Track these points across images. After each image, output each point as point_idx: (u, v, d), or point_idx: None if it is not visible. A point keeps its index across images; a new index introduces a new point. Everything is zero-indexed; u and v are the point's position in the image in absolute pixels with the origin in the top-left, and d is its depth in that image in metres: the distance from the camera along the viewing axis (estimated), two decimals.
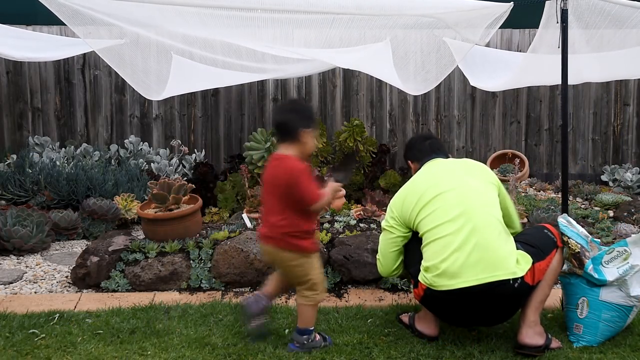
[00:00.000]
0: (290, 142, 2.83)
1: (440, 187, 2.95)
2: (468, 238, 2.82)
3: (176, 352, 2.92)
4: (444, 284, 2.81)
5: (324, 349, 2.94)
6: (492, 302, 2.84)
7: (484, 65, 4.98)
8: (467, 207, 2.88)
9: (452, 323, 3.08)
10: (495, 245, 2.84)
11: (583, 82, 5.81)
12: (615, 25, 3.88)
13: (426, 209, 2.92)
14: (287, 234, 2.79)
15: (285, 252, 2.82)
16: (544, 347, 2.88)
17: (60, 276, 4.05)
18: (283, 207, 2.78)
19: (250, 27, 3.81)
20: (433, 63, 4.42)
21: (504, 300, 2.85)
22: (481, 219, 2.87)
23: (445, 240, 2.84)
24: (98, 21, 3.74)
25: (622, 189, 6.28)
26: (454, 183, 2.98)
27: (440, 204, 2.91)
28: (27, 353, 2.91)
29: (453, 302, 2.85)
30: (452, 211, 2.88)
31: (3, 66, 6.41)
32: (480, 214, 2.88)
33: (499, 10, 3.79)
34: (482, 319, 2.98)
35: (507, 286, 2.79)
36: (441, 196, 2.92)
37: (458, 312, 2.92)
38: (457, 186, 2.96)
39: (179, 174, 6.05)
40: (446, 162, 3.16)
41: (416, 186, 3.04)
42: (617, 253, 2.95)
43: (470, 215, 2.86)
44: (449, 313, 2.96)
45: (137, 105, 6.55)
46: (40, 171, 5.42)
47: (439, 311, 2.98)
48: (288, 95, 6.64)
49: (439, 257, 2.83)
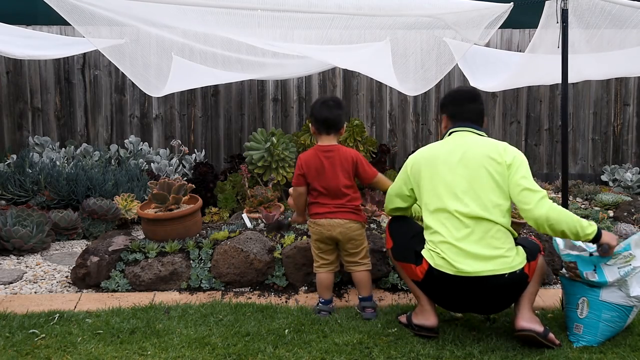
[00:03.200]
0: (334, 134, 3.41)
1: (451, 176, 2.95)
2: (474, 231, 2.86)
3: (176, 352, 2.92)
4: (449, 267, 2.85)
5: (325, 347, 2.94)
6: (492, 290, 2.87)
7: (485, 65, 4.99)
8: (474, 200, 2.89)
9: (448, 307, 3.10)
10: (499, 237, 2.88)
11: (583, 79, 5.82)
12: (615, 25, 3.88)
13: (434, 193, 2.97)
14: (355, 208, 3.38)
15: (354, 222, 3.36)
16: (543, 335, 2.88)
17: (60, 276, 4.05)
18: (351, 185, 3.37)
19: (251, 27, 3.81)
20: (433, 61, 4.43)
21: (505, 288, 2.88)
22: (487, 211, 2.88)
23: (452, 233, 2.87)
24: (98, 17, 3.73)
25: (622, 189, 6.29)
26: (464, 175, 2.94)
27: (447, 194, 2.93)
28: (27, 353, 2.91)
29: (455, 285, 2.87)
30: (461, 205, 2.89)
31: (3, 66, 6.41)
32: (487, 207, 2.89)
33: (499, 10, 3.79)
34: (480, 306, 3.01)
35: (510, 275, 2.84)
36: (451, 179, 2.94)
37: (458, 296, 2.93)
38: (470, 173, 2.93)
39: (179, 174, 6.05)
40: (470, 144, 3.02)
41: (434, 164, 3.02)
42: (622, 257, 2.95)
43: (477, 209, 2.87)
44: (448, 296, 2.97)
45: (137, 105, 6.56)
46: (40, 171, 5.42)
47: (439, 292, 2.98)
48: (288, 95, 6.65)
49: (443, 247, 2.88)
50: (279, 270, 3.83)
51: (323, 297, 3.42)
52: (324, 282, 3.43)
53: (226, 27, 3.81)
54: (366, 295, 3.40)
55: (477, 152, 2.97)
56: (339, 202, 3.35)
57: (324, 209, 3.35)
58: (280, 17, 3.74)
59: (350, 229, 3.35)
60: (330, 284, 3.44)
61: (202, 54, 4.68)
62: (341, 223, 3.34)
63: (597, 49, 4.20)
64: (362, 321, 3.26)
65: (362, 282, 3.41)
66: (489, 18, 3.83)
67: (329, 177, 3.34)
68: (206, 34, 4.34)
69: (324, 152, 3.37)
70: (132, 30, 4.35)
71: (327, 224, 3.35)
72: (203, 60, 4.75)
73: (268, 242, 3.97)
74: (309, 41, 4.17)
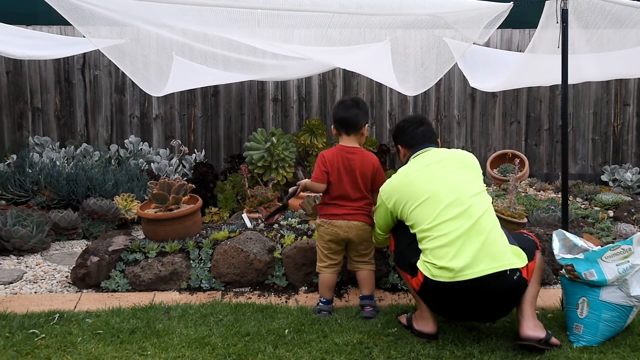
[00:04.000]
0: (354, 134, 3.41)
1: (435, 184, 2.97)
2: (469, 233, 2.85)
3: (176, 352, 2.92)
4: (445, 275, 2.83)
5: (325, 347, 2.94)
6: (491, 295, 2.85)
7: (485, 65, 4.98)
8: (464, 203, 2.91)
9: (448, 317, 3.09)
10: (493, 237, 2.88)
11: (583, 81, 5.82)
12: (615, 25, 3.88)
13: (422, 206, 2.96)
14: (369, 211, 3.40)
15: (368, 225, 3.39)
16: (545, 340, 2.88)
17: (60, 276, 4.05)
18: (367, 189, 3.40)
19: (250, 26, 3.81)
20: (432, 60, 4.43)
21: (503, 293, 2.86)
22: (478, 213, 2.90)
23: (447, 238, 2.86)
24: (98, 16, 3.73)
25: (622, 189, 6.28)
26: (448, 179, 2.99)
27: (437, 202, 2.93)
28: (27, 353, 2.91)
29: (453, 294, 2.85)
30: (451, 210, 2.90)
31: (3, 66, 6.41)
32: (477, 208, 2.91)
33: (499, 10, 3.79)
34: (479, 313, 2.99)
35: (507, 277, 2.82)
36: (437, 195, 2.94)
37: (457, 304, 2.92)
38: (452, 183, 2.98)
39: (179, 174, 6.05)
40: (438, 154, 3.14)
41: (410, 181, 3.05)
42: (621, 250, 2.95)
43: (468, 212, 2.89)
44: (446, 305, 2.96)
45: (137, 105, 6.56)
46: (40, 171, 5.43)
47: (437, 303, 2.97)
48: (288, 95, 6.65)
49: (440, 253, 2.85)
50: (279, 270, 3.83)
51: (325, 297, 3.42)
52: (328, 282, 3.43)
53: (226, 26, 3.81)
54: (367, 294, 3.42)
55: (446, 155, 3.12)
56: (356, 204, 3.36)
57: (342, 210, 3.36)
58: (280, 15, 3.73)
59: (365, 231, 3.38)
60: (333, 284, 3.45)
61: (202, 53, 4.68)
62: (358, 225, 3.36)
63: (597, 48, 4.20)
64: (362, 321, 3.26)
65: (366, 281, 3.43)
66: (488, 17, 3.83)
67: (350, 179, 3.36)
68: (206, 33, 4.33)
69: (346, 152, 3.38)
70: (132, 29, 4.36)
71: (344, 226, 3.35)
72: (203, 60, 4.75)
73: (268, 242, 3.97)
74: (309, 41, 4.17)
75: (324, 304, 3.40)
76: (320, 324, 3.20)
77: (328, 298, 3.42)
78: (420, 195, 2.97)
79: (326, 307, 3.39)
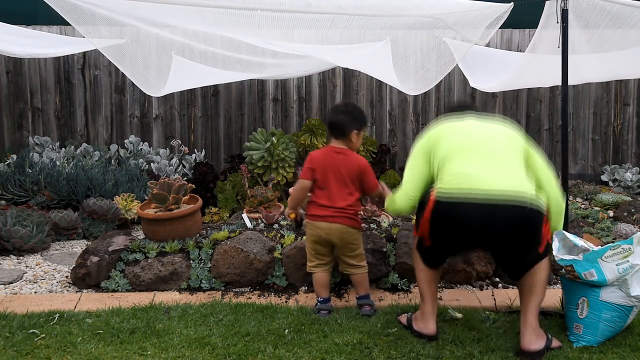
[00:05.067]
0: (342, 139, 3.39)
1: (470, 138, 2.98)
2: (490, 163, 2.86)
3: (176, 352, 2.92)
4: (461, 182, 2.80)
5: (325, 347, 2.94)
6: (502, 222, 2.76)
7: (485, 66, 4.98)
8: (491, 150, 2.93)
9: (454, 249, 3.08)
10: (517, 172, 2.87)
11: (583, 82, 5.82)
12: (615, 25, 3.88)
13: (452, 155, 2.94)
14: (354, 214, 3.36)
15: (351, 228, 3.35)
16: (545, 349, 2.88)
17: (60, 276, 4.05)
18: (352, 192, 3.36)
19: (250, 27, 3.81)
20: (433, 62, 4.43)
21: (515, 222, 2.77)
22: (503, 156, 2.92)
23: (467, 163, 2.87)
24: (98, 16, 3.73)
25: (622, 189, 6.28)
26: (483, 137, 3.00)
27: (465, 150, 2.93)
28: (27, 353, 2.91)
29: (462, 213, 2.77)
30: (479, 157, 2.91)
31: (3, 66, 6.41)
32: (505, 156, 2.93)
33: (499, 10, 3.79)
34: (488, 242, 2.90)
35: (524, 206, 2.75)
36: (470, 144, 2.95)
37: (466, 230, 2.82)
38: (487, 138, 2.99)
39: (179, 174, 6.05)
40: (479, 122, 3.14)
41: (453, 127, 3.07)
42: (621, 250, 2.94)
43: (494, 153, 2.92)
44: (454, 232, 2.87)
45: (137, 105, 6.56)
46: (40, 171, 5.42)
47: (445, 230, 2.89)
48: (288, 95, 6.65)
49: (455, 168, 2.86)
50: (279, 270, 3.83)
51: (321, 295, 3.43)
52: (321, 280, 3.44)
53: (226, 28, 3.81)
54: (363, 294, 3.44)
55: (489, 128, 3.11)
56: (339, 206, 3.33)
57: (324, 211, 3.35)
58: (280, 17, 3.74)
59: (348, 234, 3.35)
60: (327, 282, 3.45)
61: (202, 53, 4.68)
62: (340, 228, 3.34)
63: (597, 48, 4.20)
64: (362, 321, 3.26)
65: (360, 283, 3.45)
66: (489, 18, 3.83)
67: (334, 178, 3.35)
68: (206, 33, 4.34)
69: (333, 152, 3.40)
70: (132, 30, 4.35)
71: (326, 228, 3.35)
72: (203, 60, 4.75)
73: (268, 242, 3.97)
74: (309, 41, 4.17)
75: (322, 303, 3.41)
76: (320, 324, 3.20)
77: (325, 297, 3.43)
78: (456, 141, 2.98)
79: (325, 306, 3.39)
